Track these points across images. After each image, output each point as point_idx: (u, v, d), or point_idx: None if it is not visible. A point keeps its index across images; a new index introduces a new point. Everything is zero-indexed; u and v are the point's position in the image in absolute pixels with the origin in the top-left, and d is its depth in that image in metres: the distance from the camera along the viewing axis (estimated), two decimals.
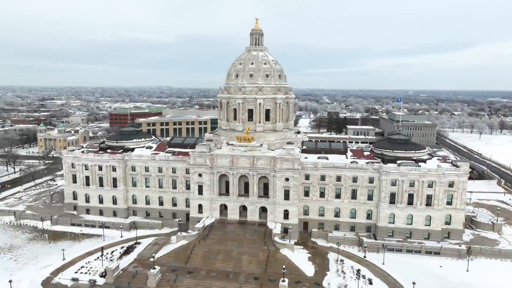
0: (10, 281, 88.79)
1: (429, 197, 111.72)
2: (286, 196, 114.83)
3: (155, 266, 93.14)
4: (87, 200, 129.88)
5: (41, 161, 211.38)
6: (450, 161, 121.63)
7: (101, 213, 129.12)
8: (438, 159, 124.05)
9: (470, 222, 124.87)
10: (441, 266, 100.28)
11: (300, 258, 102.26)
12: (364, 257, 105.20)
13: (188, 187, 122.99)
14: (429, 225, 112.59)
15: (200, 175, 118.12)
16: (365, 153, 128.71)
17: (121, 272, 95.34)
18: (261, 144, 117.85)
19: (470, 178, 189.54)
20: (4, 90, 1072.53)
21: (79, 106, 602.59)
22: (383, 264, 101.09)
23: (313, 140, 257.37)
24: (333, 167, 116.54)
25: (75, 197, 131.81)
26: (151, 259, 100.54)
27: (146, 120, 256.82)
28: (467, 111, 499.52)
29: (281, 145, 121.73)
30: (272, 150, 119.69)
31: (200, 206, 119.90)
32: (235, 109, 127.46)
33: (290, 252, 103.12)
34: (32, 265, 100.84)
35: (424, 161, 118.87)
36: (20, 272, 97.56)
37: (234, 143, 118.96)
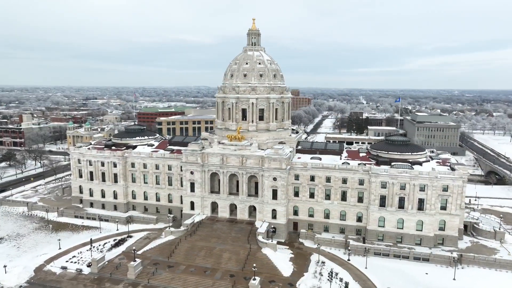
0: (5, 266, 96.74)
1: (421, 201, 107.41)
2: (274, 195, 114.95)
3: (136, 259, 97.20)
4: (91, 194, 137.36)
5: (66, 157, 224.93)
6: (449, 164, 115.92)
7: (103, 206, 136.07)
8: (437, 162, 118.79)
9: (472, 229, 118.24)
10: (427, 273, 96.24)
11: (281, 258, 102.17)
12: (348, 260, 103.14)
13: (182, 184, 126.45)
14: (421, 230, 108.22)
15: (192, 172, 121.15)
16: (361, 155, 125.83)
17: (106, 263, 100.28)
18: (251, 144, 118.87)
19: (487, 182, 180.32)
20: (56, 90, 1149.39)
21: (116, 105, 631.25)
22: (366, 268, 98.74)
23: (331, 141, 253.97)
24: (322, 167, 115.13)
25: (81, 191, 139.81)
26: (138, 252, 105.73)
27: (167, 119, 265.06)
28: (510, 112, 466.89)
29: (273, 145, 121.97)
30: (263, 149, 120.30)
31: (192, 203, 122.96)
32: (229, 109, 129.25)
33: (271, 252, 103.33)
34: (31, 253, 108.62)
35: (420, 163, 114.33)
36: (19, 258, 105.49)
37: (225, 142, 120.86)
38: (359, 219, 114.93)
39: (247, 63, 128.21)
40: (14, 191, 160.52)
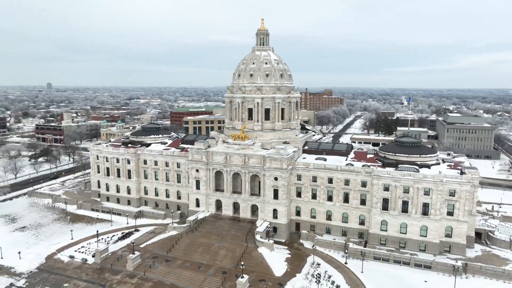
0: (19, 252, 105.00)
1: (425, 206, 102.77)
2: (275, 195, 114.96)
3: (135, 252, 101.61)
4: (107, 189, 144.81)
5: None
6: (460, 168, 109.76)
7: (118, 201, 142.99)
8: (448, 165, 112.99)
9: (486, 237, 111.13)
10: (426, 281, 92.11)
11: (277, 258, 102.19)
12: (345, 263, 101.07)
13: (189, 181, 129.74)
14: (425, 236, 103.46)
15: (197, 170, 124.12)
16: (369, 156, 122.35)
17: (110, 254, 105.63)
18: (253, 143, 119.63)
19: None
20: (103, 90, 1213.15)
21: (156, 105, 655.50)
22: (362, 272, 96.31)
23: (357, 142, 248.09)
24: (324, 168, 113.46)
25: (99, 186, 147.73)
26: (141, 246, 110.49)
27: (193, 118, 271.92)
28: None
29: (277, 145, 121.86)
30: (266, 149, 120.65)
31: (197, 200, 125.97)
32: (236, 108, 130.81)
33: (267, 251, 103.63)
34: (46, 241, 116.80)
35: (428, 166, 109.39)
36: (35, 246, 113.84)
37: (229, 141, 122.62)
38: (362, 222, 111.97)
39: (253, 63, 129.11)
40: (44, 184, 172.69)
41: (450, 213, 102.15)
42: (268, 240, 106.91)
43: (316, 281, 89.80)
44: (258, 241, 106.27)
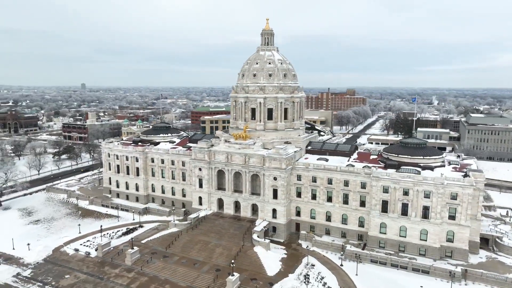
0: (28, 244, 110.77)
1: (426, 209, 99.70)
2: (275, 195, 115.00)
3: (134, 247, 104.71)
4: (118, 186, 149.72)
5: None
6: (466, 170, 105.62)
7: (127, 197, 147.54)
8: (453, 168, 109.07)
9: (494, 244, 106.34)
10: (421, 286, 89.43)
11: (271, 258, 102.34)
12: (341, 265, 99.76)
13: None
14: (425, 240, 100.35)
15: (200, 169, 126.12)
16: (372, 157, 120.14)
17: (112, 248, 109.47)
18: (254, 143, 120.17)
19: None
20: (133, 91, 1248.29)
21: (182, 104, 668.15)
22: (356, 275, 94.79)
23: (374, 143, 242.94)
24: (324, 169, 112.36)
25: (110, 183, 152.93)
26: (142, 241, 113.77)
27: (210, 118, 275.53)
28: None
29: (278, 144, 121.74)
30: (267, 149, 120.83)
31: (200, 199, 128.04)
32: (239, 108, 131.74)
33: (263, 250, 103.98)
34: (56, 235, 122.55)
35: (431, 168, 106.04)
36: (45, 239, 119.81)
37: (231, 141, 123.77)
38: (361, 224, 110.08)
39: (257, 63, 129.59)
40: (62, 180, 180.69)
41: (452, 217, 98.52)
42: (264, 240, 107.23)
43: (304, 282, 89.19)
44: (254, 240, 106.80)
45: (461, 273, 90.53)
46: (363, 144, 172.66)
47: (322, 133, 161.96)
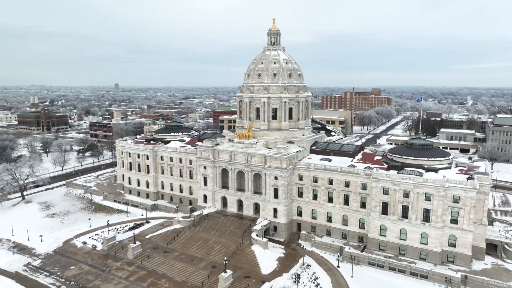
0: (41, 236, 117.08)
1: (427, 212, 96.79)
2: (276, 194, 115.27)
3: (136, 242, 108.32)
4: (130, 182, 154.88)
5: None
6: (471, 173, 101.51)
7: (138, 194, 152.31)
8: (459, 170, 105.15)
9: (503, 250, 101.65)
10: None
11: (268, 256, 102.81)
12: (338, 266, 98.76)
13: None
14: (426, 244, 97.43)
15: (205, 167, 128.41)
16: (376, 158, 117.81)
17: (117, 242, 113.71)
18: (256, 142, 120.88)
19: None
20: (164, 91, 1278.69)
21: (207, 104, 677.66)
22: (352, 277, 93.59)
23: (394, 143, 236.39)
24: (324, 169, 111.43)
25: (123, 179, 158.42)
26: (146, 236, 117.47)
27: (229, 117, 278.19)
28: None
29: (282, 144, 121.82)
30: (270, 148, 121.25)
31: (205, 196, 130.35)
32: (245, 108, 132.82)
33: (260, 249, 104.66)
34: (68, 228, 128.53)
35: (435, 170, 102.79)
36: (58, 231, 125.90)
37: (234, 140, 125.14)
38: (362, 226, 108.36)
39: (262, 63, 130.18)
40: (82, 176, 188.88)
41: (454, 221, 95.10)
42: (263, 239, 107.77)
43: (295, 281, 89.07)
44: (253, 238, 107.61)
45: (460, 279, 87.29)
46: (382, 145, 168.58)
47: (333, 133, 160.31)
